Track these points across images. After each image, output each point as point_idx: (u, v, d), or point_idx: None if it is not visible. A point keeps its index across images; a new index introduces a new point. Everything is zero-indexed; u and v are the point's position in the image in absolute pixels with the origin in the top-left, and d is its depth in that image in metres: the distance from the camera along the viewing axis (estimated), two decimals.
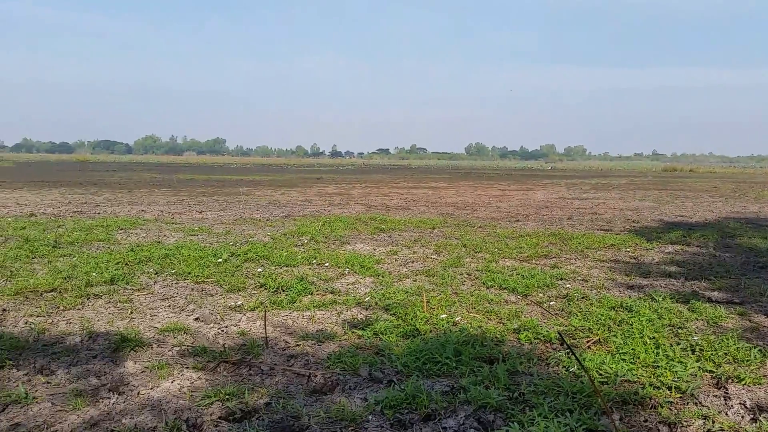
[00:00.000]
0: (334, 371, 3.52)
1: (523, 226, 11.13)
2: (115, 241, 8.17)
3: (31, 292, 5.20)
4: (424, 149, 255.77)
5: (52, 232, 8.78)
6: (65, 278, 5.67)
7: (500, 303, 5.15)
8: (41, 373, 3.45)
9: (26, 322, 4.38)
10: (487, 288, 5.73)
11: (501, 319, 4.64)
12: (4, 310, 4.69)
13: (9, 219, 10.41)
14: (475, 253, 7.78)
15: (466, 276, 6.29)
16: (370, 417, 2.92)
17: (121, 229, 9.34)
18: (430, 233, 9.78)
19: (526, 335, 4.18)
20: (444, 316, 4.61)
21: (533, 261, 7.29)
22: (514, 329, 4.36)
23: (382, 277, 6.16)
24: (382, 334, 4.20)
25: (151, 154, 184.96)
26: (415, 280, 6.05)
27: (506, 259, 7.33)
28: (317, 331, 4.33)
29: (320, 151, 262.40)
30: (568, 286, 5.88)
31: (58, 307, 4.80)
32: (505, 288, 5.71)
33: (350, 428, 2.81)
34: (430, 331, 4.25)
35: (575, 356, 2.89)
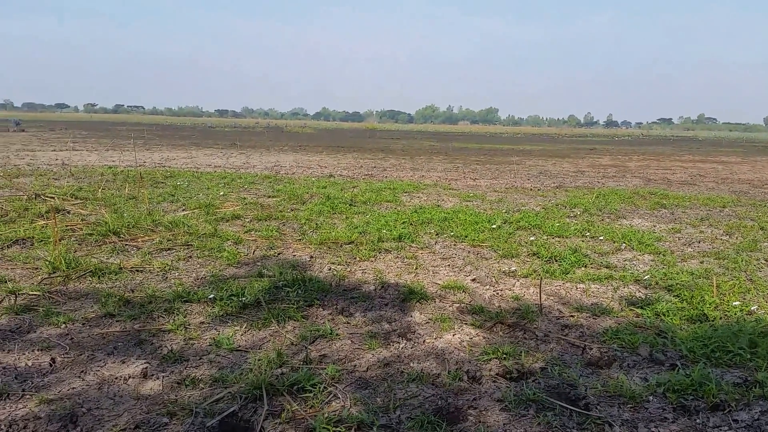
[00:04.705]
0: (610, 347, 3.46)
1: None
2: (401, 202, 8.98)
3: (333, 243, 6.05)
4: (714, 119, 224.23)
5: (348, 191, 9.99)
6: (360, 233, 6.46)
7: None
8: (342, 314, 4.03)
9: (329, 269, 5.13)
10: None
11: None
12: (312, 257, 5.54)
13: (313, 179, 12.11)
14: None
15: (764, 262, 5.55)
16: (651, 398, 2.83)
17: (405, 192, 10.21)
18: (719, 212, 8.76)
19: None
20: (737, 303, 4.17)
21: None
22: None
23: (663, 255, 5.76)
24: (664, 315, 3.97)
25: (429, 123, 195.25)
26: (701, 262, 5.53)
27: None
28: (592, 304, 4.28)
29: (594, 120, 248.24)
30: None
31: (355, 258, 5.51)
32: None
33: (629, 406, 2.76)
34: (720, 318, 3.89)
35: None
